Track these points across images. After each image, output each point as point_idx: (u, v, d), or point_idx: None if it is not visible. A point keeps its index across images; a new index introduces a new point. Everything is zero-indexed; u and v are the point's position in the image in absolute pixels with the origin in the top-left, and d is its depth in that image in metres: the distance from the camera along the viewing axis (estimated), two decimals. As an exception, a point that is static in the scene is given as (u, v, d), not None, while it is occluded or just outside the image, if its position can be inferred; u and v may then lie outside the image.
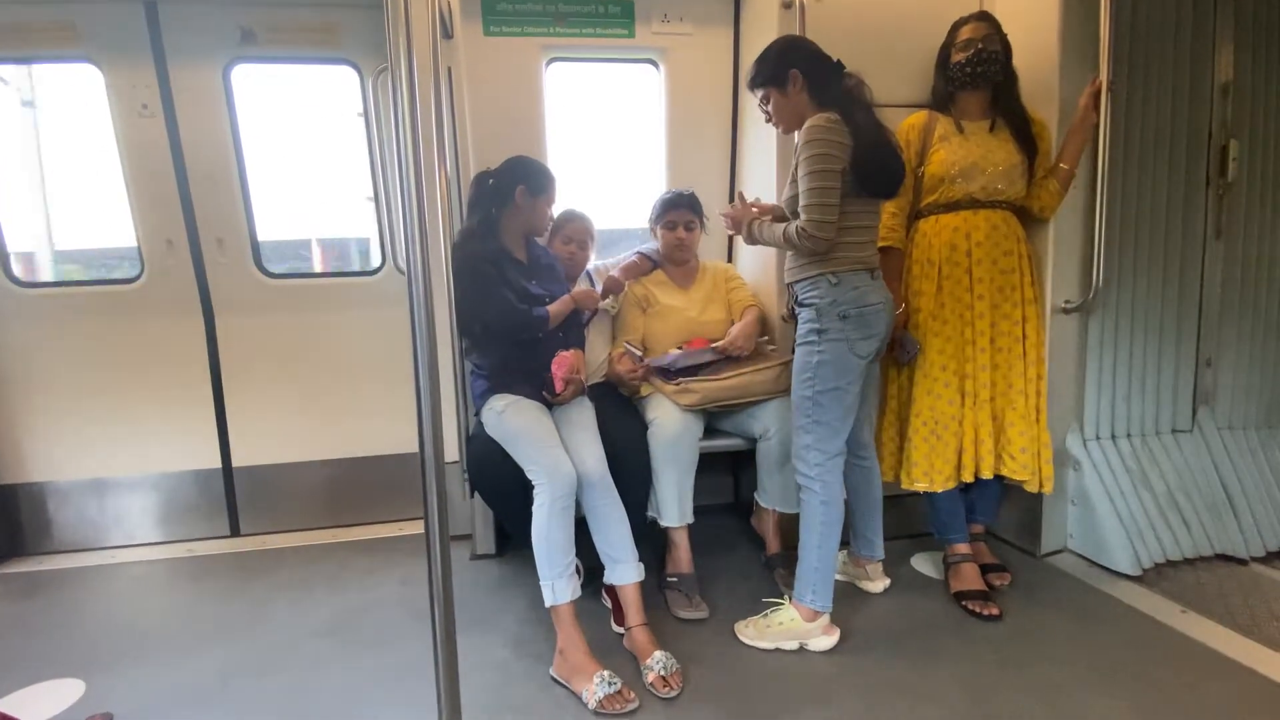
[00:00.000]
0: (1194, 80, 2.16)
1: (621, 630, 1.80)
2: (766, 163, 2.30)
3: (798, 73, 1.71)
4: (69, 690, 1.69)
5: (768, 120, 1.84)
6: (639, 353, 2.17)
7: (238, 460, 2.71)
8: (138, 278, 2.57)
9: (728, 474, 2.85)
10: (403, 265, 1.07)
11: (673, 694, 1.57)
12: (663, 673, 1.60)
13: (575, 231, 2.27)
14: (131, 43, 2.41)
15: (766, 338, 2.24)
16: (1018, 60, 1.97)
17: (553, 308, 1.98)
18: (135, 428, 2.62)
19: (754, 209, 1.89)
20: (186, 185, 2.53)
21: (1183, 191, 2.19)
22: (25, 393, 2.55)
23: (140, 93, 2.45)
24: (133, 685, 1.70)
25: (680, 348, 2.16)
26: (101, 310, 2.56)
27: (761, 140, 2.37)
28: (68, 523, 2.63)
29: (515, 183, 1.99)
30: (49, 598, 2.24)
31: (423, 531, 1.09)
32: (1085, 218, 2.09)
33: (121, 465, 2.64)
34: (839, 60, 1.73)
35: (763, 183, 2.34)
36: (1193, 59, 2.15)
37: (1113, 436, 2.24)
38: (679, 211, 2.27)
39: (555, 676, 1.66)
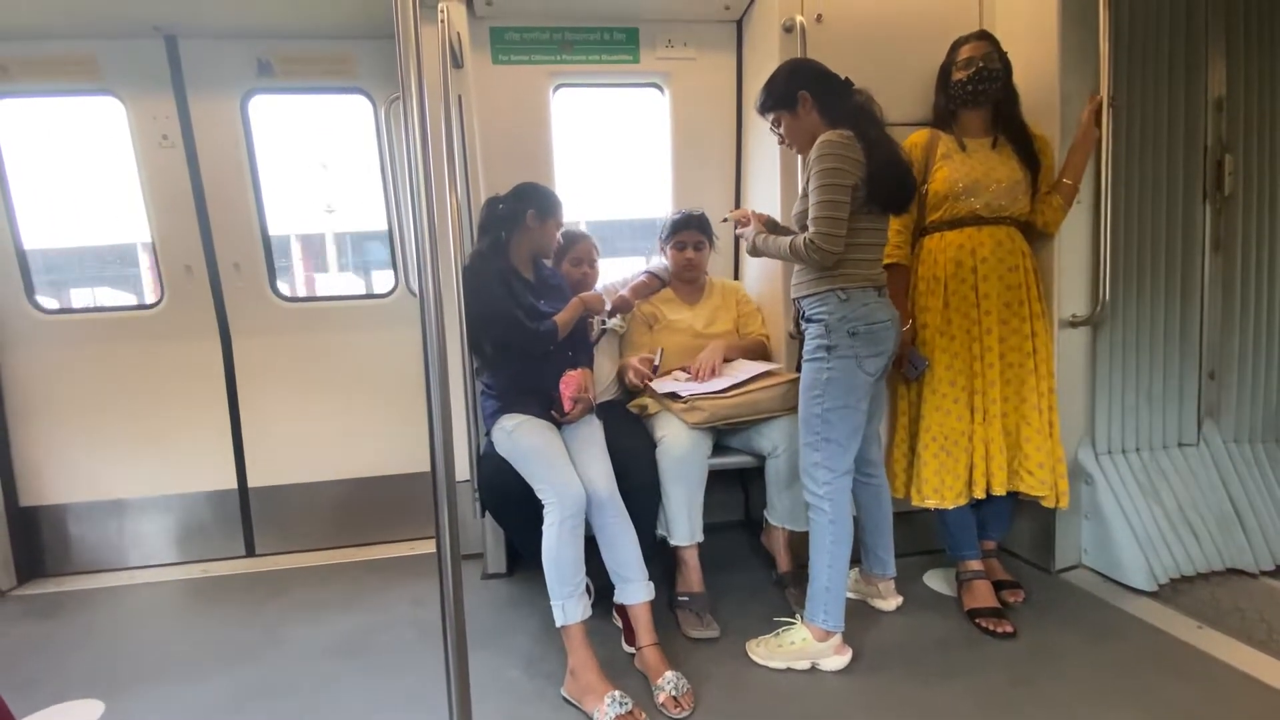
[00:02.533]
0: (1189, 95, 2.18)
1: (632, 650, 1.80)
2: (771, 183, 2.33)
3: (807, 94, 1.74)
4: (88, 711, 1.71)
5: (781, 143, 1.87)
6: (657, 363, 2.21)
7: (253, 481, 2.75)
8: (158, 303, 2.64)
9: (738, 490, 2.85)
10: (415, 287, 1.09)
11: (684, 714, 1.57)
12: (674, 693, 1.60)
13: (582, 252, 2.31)
14: (152, 76, 2.50)
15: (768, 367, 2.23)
16: (1018, 77, 1.99)
17: (560, 316, 2.00)
18: (153, 450, 2.67)
19: (749, 215, 1.93)
20: (205, 213, 2.60)
21: (1181, 205, 2.20)
22: (47, 416, 2.61)
23: (161, 124, 2.53)
24: (151, 705, 1.72)
25: (685, 369, 2.18)
26: (122, 335, 2.62)
27: (766, 161, 2.40)
28: (87, 544, 2.67)
29: (525, 207, 2.03)
30: (69, 618, 2.27)
31: (434, 551, 1.10)
32: (1090, 232, 2.10)
33: (140, 487, 2.68)
34: (847, 78, 1.76)
35: (767, 203, 2.36)
36: (1187, 74, 2.17)
37: (1123, 450, 2.22)
38: (689, 232, 2.32)
39: (567, 696, 1.66)
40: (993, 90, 1.94)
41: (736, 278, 2.73)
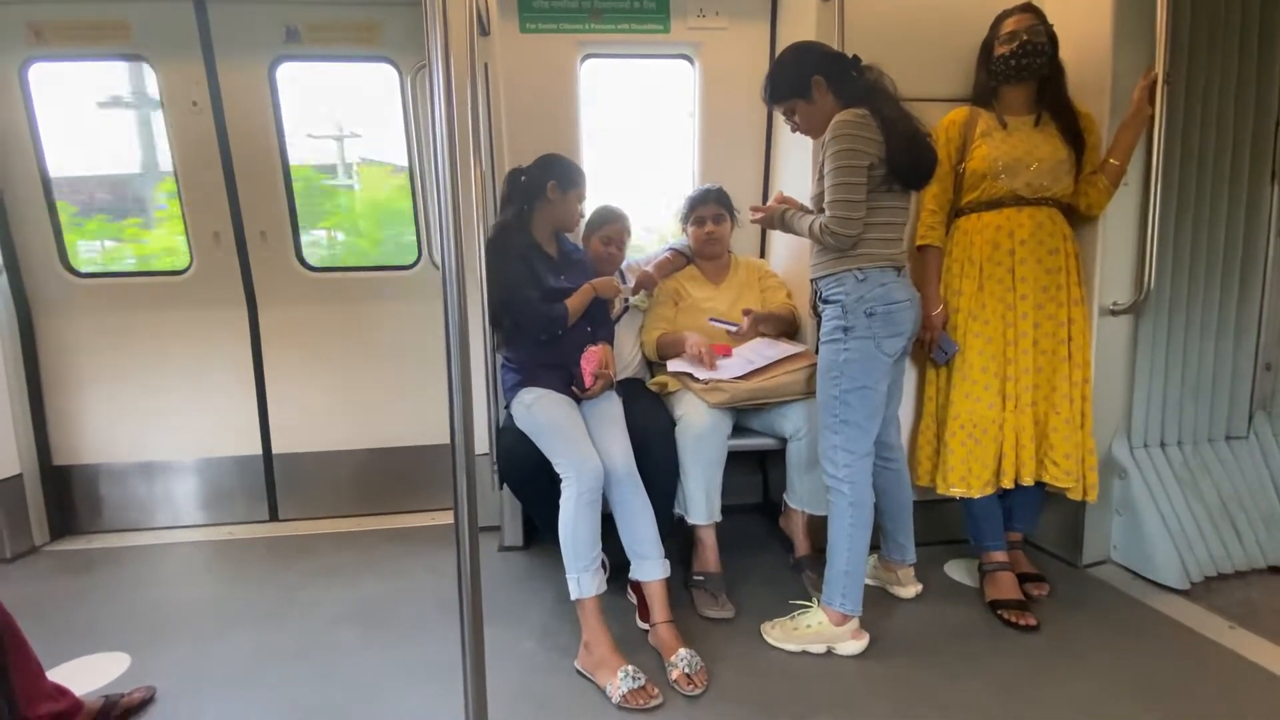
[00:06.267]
0: (1261, 66, 2.05)
1: (646, 626, 1.80)
2: (802, 158, 2.26)
3: (820, 78, 1.69)
4: (115, 663, 1.76)
5: (794, 131, 1.83)
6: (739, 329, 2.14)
7: (278, 448, 2.79)
8: (186, 270, 2.67)
9: (757, 473, 2.83)
10: (438, 259, 1.08)
11: (697, 692, 1.57)
12: (687, 670, 1.60)
13: (614, 232, 2.27)
14: (182, 41, 2.49)
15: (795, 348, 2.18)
16: (1068, 51, 1.90)
17: (571, 301, 1.98)
18: (182, 413, 2.72)
19: (780, 198, 1.89)
20: (233, 180, 2.60)
21: (1246, 187, 2.09)
22: (80, 379, 2.67)
23: (191, 89, 2.53)
24: (174, 661, 1.77)
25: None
26: (151, 301, 2.66)
27: (796, 135, 2.33)
28: (117, 503, 2.74)
29: (547, 179, 2.00)
30: (98, 575, 2.34)
31: (452, 522, 1.10)
32: (1137, 216, 2.01)
33: (169, 449, 2.74)
34: (855, 55, 1.71)
35: (797, 177, 2.30)
36: (1260, 46, 2.04)
37: (1162, 444, 2.15)
38: (706, 206, 2.29)
39: (580, 669, 1.66)
40: (1037, 65, 1.85)
41: (763, 255, 2.68)
